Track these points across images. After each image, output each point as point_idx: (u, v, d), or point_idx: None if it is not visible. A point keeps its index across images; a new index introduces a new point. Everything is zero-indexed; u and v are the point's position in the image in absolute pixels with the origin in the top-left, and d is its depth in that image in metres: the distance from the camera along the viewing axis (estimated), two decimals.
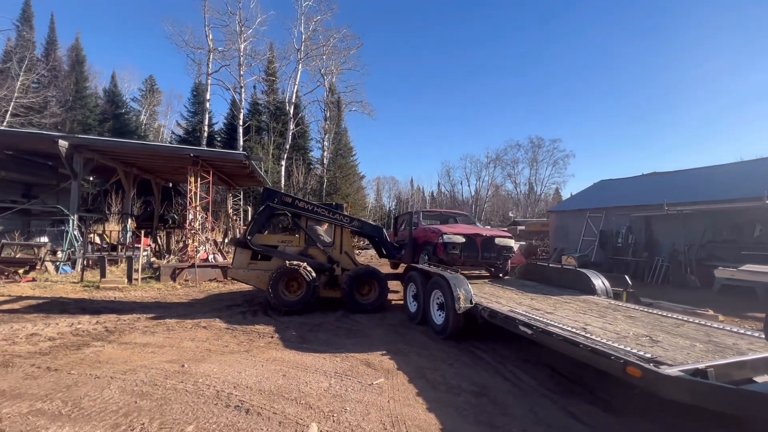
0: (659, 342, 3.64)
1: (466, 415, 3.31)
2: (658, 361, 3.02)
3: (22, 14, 32.64)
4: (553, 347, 3.80)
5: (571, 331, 3.85)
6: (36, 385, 3.66)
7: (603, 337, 3.70)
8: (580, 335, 3.72)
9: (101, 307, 7.29)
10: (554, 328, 3.96)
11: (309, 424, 3.09)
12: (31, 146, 13.63)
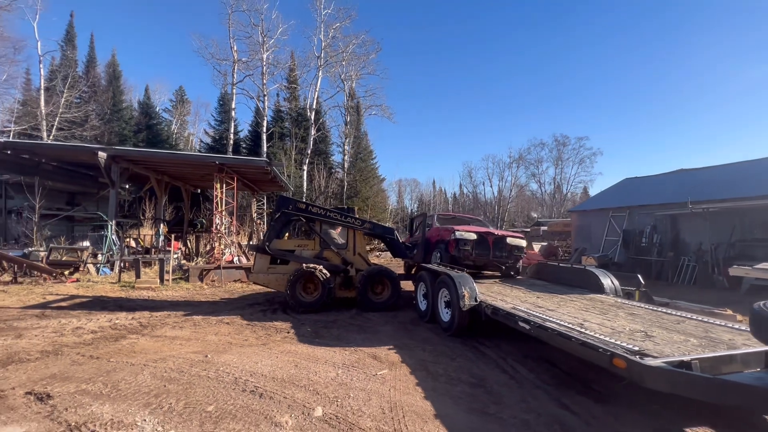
0: (653, 337, 3.74)
1: (460, 403, 3.54)
2: (644, 354, 3.15)
3: (66, 35, 35.19)
4: (549, 341, 3.96)
5: (566, 327, 4.00)
6: (81, 370, 4.18)
7: (598, 332, 3.83)
8: (575, 330, 3.87)
9: (136, 304, 7.94)
10: (551, 324, 4.11)
11: (315, 407, 3.41)
12: (74, 158, 14.81)
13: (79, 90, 28.39)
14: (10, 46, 23.14)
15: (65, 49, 34.16)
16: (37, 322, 6.21)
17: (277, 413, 3.29)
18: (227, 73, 34.08)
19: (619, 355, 3.10)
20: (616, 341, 3.50)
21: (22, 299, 8.05)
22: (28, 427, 3.00)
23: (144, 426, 3.04)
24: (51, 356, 4.62)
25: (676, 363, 2.95)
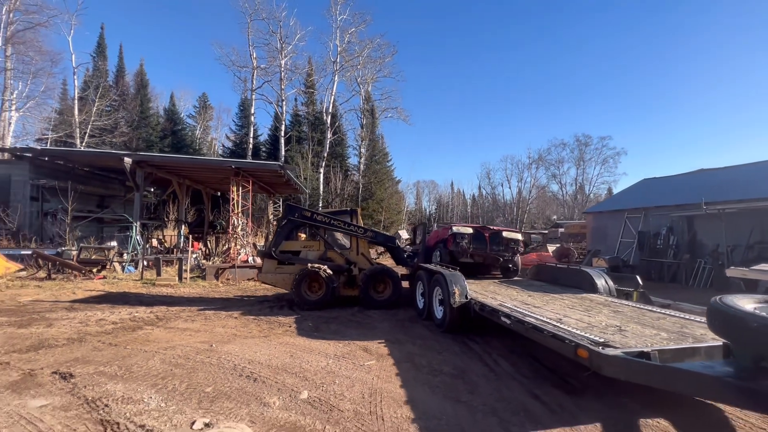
0: (625, 331, 3.89)
1: (437, 391, 3.79)
2: (607, 345, 3.33)
3: (98, 47, 37.25)
4: (526, 334, 4.17)
5: (543, 321, 4.19)
6: (100, 355, 4.66)
7: (573, 327, 4.00)
8: (550, 324, 4.06)
9: (155, 300, 8.53)
10: (529, 319, 4.31)
11: (302, 391, 3.74)
12: (103, 163, 15.82)
13: (110, 99, 30.06)
14: (48, 59, 24.84)
15: (96, 59, 36.16)
16: (66, 314, 6.83)
17: (267, 395, 3.64)
18: (247, 79, 35.29)
19: (582, 346, 3.29)
20: (587, 334, 3.67)
21: (54, 293, 8.79)
22: (52, 400, 3.46)
23: (149, 402, 3.44)
24: (75, 343, 5.15)
25: (636, 353, 3.11)
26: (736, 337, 2.71)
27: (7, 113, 22.88)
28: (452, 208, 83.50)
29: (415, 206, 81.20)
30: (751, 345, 2.57)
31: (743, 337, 2.59)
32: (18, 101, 23.72)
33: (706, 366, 2.89)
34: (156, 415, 3.20)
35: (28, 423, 3.03)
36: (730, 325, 2.68)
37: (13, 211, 13.43)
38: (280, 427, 3.06)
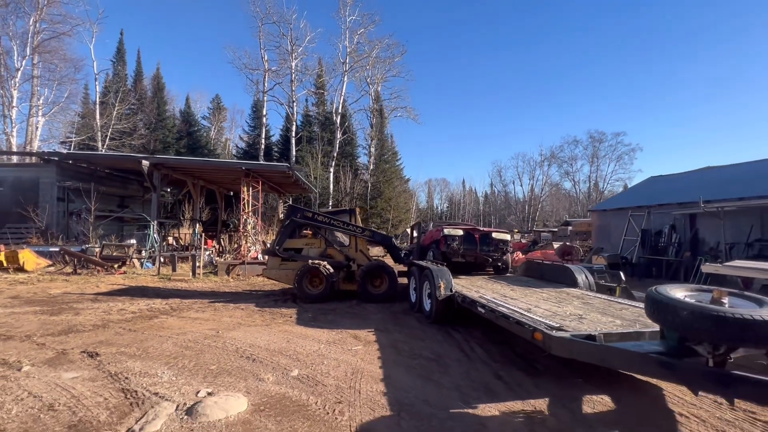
0: (584, 319, 4.30)
1: (412, 372, 4.27)
2: (560, 329, 3.76)
3: (117, 52, 38.73)
4: (496, 322, 4.63)
5: (512, 310, 4.63)
6: (121, 339, 5.30)
7: (538, 315, 4.44)
8: (517, 313, 4.49)
9: (170, 293, 9.23)
10: (501, 308, 4.75)
11: (293, 369, 4.28)
12: (123, 165, 16.75)
13: (129, 103, 31.31)
14: (71, 66, 26.12)
15: (116, 64, 37.65)
16: (91, 305, 7.55)
17: (263, 372, 4.19)
18: (259, 81, 36.21)
19: (538, 330, 3.74)
20: (547, 321, 4.10)
21: (80, 287, 9.58)
22: (81, 373, 4.07)
23: (162, 376, 4.03)
24: (100, 329, 5.82)
25: (583, 336, 3.54)
26: (666, 321, 3.09)
27: (34, 118, 24.22)
28: (464, 206, 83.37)
29: (427, 204, 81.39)
30: (678, 328, 2.97)
31: (671, 321, 2.98)
32: (44, 107, 25.06)
33: (637, 345, 3.30)
34: (167, 386, 3.78)
35: (63, 390, 3.64)
36: (661, 311, 3.06)
37: (42, 211, 14.43)
38: (270, 397, 3.59)
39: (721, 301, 2.89)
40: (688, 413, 3.32)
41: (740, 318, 2.55)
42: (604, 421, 3.20)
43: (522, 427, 3.08)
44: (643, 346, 3.26)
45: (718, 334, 2.64)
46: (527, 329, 3.87)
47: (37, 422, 3.04)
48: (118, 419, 3.12)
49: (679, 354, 3.08)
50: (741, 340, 2.63)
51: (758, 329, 2.50)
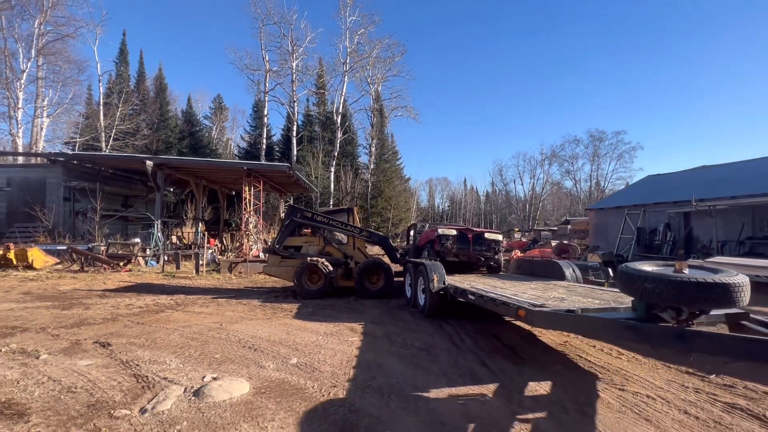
0: (566, 300, 4.61)
1: (403, 360, 4.56)
2: (542, 306, 4.05)
3: (120, 53, 39.08)
4: (484, 306, 4.97)
5: (499, 295, 4.92)
6: (130, 331, 5.61)
7: (524, 298, 4.73)
8: (504, 296, 4.79)
9: (174, 289, 9.55)
10: (490, 294, 5.04)
11: (292, 358, 4.57)
12: (127, 166, 17.10)
13: (132, 104, 31.66)
14: (75, 67, 26.48)
15: (119, 65, 37.99)
16: (100, 300, 7.88)
17: (264, 360, 4.48)
18: (260, 82, 36.55)
19: (522, 307, 4.05)
20: (530, 301, 4.40)
21: (88, 284, 9.91)
22: (95, 361, 4.38)
23: (170, 363, 4.33)
24: (110, 321, 6.13)
25: (563, 310, 3.84)
26: (635, 291, 3.37)
27: (39, 119, 24.59)
28: (465, 205, 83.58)
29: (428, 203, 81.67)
30: (645, 296, 3.27)
31: (639, 290, 3.27)
32: (49, 108, 25.44)
33: (608, 314, 3.61)
34: (175, 372, 4.08)
35: (79, 375, 3.94)
36: (631, 283, 3.35)
37: (49, 211, 14.77)
38: (271, 382, 3.89)
39: (682, 271, 3.20)
40: (653, 394, 3.59)
41: (695, 281, 2.88)
42: (575, 402, 3.48)
43: (500, 406, 3.37)
44: (613, 315, 3.56)
45: (679, 296, 2.96)
46: (512, 308, 4.18)
47: (58, 402, 3.34)
48: (132, 400, 3.42)
49: (647, 321, 3.39)
50: (698, 301, 2.96)
51: (711, 290, 2.85)
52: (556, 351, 5.00)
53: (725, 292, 2.92)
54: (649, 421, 3.14)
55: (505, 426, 3.06)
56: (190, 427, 2.97)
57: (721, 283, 2.93)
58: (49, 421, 3.02)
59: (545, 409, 3.36)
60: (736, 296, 2.95)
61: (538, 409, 3.34)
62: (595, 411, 3.32)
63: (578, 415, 3.23)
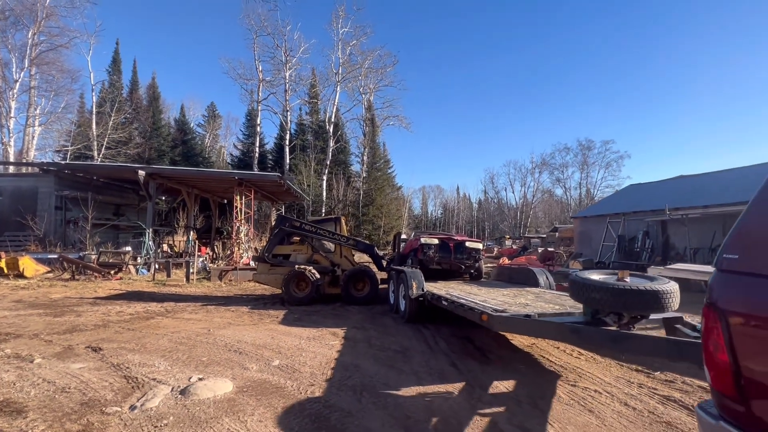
0: (529, 306, 4.99)
1: (379, 361, 4.88)
2: (503, 311, 4.42)
3: (113, 62, 39.25)
4: (455, 311, 5.36)
5: (469, 301, 5.28)
6: (121, 337, 5.86)
7: (491, 303, 5.09)
8: (471, 302, 5.15)
9: (165, 297, 9.76)
10: (460, 300, 5.40)
11: (274, 360, 4.87)
12: (119, 175, 17.28)
13: (125, 112, 31.82)
14: (68, 77, 26.66)
15: (112, 74, 38.13)
16: (91, 308, 8.08)
17: (248, 362, 4.78)
18: (253, 91, 36.92)
19: (485, 312, 4.40)
20: (494, 306, 4.76)
21: (79, 292, 10.08)
22: (87, 364, 4.64)
23: (159, 366, 4.60)
24: (101, 328, 6.37)
25: (522, 315, 4.20)
26: (582, 298, 3.76)
27: (31, 128, 24.67)
28: (458, 213, 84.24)
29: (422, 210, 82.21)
30: (590, 302, 3.66)
31: (586, 297, 3.66)
32: (41, 116, 25.53)
33: (560, 318, 3.99)
34: (164, 374, 4.35)
35: (73, 377, 4.20)
36: (579, 290, 3.73)
37: (40, 220, 14.88)
38: (253, 382, 4.18)
39: (624, 279, 3.60)
40: (601, 389, 3.96)
41: (630, 288, 3.28)
42: (529, 396, 3.83)
43: (462, 401, 3.71)
44: (563, 319, 3.94)
45: (617, 303, 3.36)
46: (476, 313, 4.54)
47: (53, 401, 3.61)
48: (122, 398, 3.70)
49: (593, 324, 3.78)
50: (634, 307, 3.36)
51: (644, 297, 3.26)
52: (523, 352, 5.36)
53: (655, 298, 3.33)
54: (591, 412, 3.50)
55: (464, 419, 3.40)
56: (176, 422, 3.26)
57: (652, 291, 3.34)
58: (45, 417, 3.30)
59: (503, 404, 3.70)
60: (666, 302, 3.35)
61: (496, 404, 3.68)
62: (546, 404, 3.67)
63: (531, 408, 3.58)
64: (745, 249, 1.65)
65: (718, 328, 1.62)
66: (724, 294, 1.66)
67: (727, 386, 1.57)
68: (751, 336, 1.52)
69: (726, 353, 1.57)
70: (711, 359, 1.67)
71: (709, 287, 1.73)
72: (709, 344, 1.69)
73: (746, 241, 1.67)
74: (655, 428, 3.22)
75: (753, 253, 1.62)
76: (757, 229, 1.66)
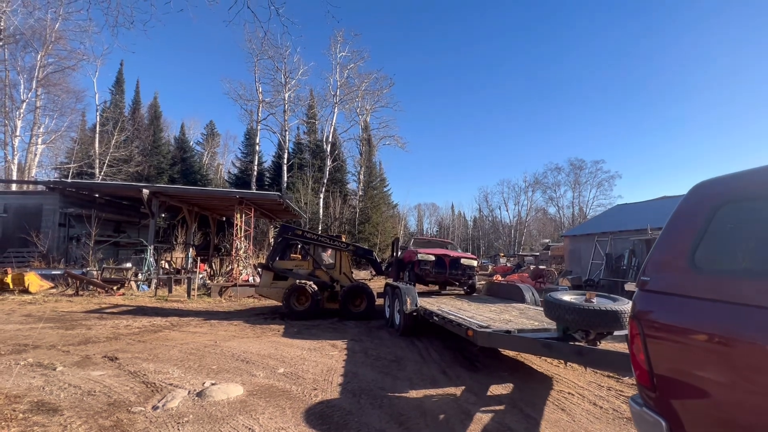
0: (511, 322, 5.45)
1: (375, 369, 5.32)
2: (487, 327, 4.89)
3: (116, 82, 40.23)
4: (444, 326, 5.78)
5: (457, 317, 5.75)
6: (133, 347, 6.24)
7: (477, 319, 5.56)
8: (460, 318, 5.62)
9: (168, 312, 10.10)
10: (449, 316, 5.87)
11: (279, 368, 5.29)
12: (123, 193, 17.74)
13: (126, 132, 32.50)
14: (73, 97, 27.39)
15: (115, 93, 39.05)
16: (99, 321, 8.43)
17: (255, 370, 5.19)
18: (253, 111, 37.86)
19: (470, 328, 4.87)
20: (480, 322, 5.23)
21: (84, 306, 10.40)
22: (106, 371, 5.03)
23: (173, 373, 5.01)
24: (113, 340, 6.74)
25: (503, 331, 4.68)
26: (555, 316, 4.26)
27: (34, 146, 25.19)
28: (453, 230, 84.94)
29: (417, 228, 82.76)
30: (561, 321, 4.16)
31: (556, 315, 4.16)
32: (44, 135, 26.09)
33: (536, 334, 4.48)
34: (179, 379, 4.76)
35: (95, 382, 4.60)
36: (551, 309, 4.24)
37: (44, 236, 15.22)
38: (261, 386, 4.61)
39: (591, 300, 4.12)
40: (575, 392, 4.43)
41: (592, 308, 3.79)
42: (510, 398, 4.29)
43: (450, 402, 4.16)
44: (538, 335, 4.43)
45: (582, 321, 3.86)
46: (463, 328, 5.01)
47: (82, 402, 4.02)
48: (144, 400, 4.11)
49: (563, 340, 4.28)
50: (597, 325, 3.87)
51: (605, 316, 3.76)
52: (508, 362, 5.82)
53: (615, 317, 3.84)
54: (564, 410, 3.96)
55: (452, 416, 3.86)
56: (195, 419, 3.68)
57: (612, 311, 3.86)
58: (79, 414, 3.70)
59: (487, 404, 4.16)
60: (624, 320, 3.85)
61: (480, 404, 4.14)
62: (525, 405, 4.13)
63: (510, 408, 4.04)
64: (654, 272, 2.19)
65: (638, 336, 2.13)
66: (642, 308, 2.18)
67: (645, 380, 2.07)
68: (657, 339, 2.03)
69: (643, 354, 2.08)
70: (635, 360, 2.18)
71: (633, 303, 2.26)
72: (633, 348, 2.20)
73: (655, 266, 2.22)
74: (617, 423, 3.70)
75: (659, 275, 2.16)
76: (661, 257, 2.21)
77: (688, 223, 2.09)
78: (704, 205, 2.03)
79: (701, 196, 2.11)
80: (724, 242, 2.02)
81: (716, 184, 2.08)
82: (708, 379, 1.74)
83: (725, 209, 1.96)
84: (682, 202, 2.21)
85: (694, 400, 1.83)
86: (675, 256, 2.09)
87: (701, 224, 1.99)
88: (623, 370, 4.21)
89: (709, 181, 2.13)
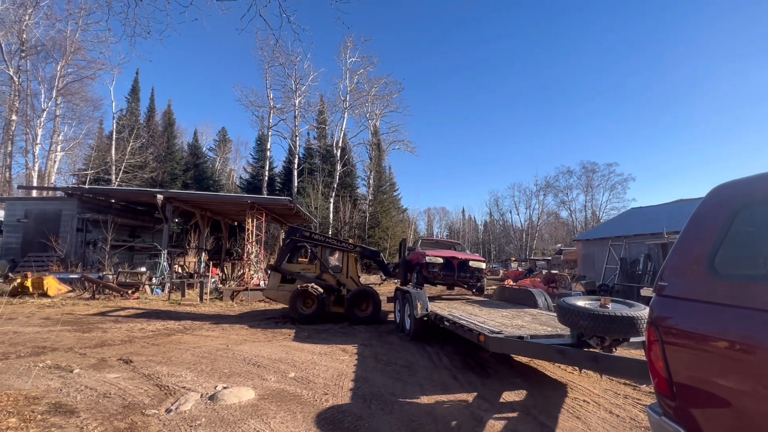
0: (524, 327, 5.38)
1: (385, 374, 5.29)
2: (499, 333, 4.84)
3: (132, 90, 41.26)
4: (455, 331, 5.74)
5: (469, 322, 5.70)
6: (147, 351, 6.33)
7: (489, 324, 5.50)
8: (471, 324, 5.57)
9: (181, 316, 10.23)
10: (461, 321, 5.82)
11: (290, 372, 5.31)
12: (138, 199, 18.12)
13: (142, 139, 33.26)
14: (91, 105, 28.21)
15: (131, 101, 40.05)
16: (114, 325, 8.58)
17: (266, 374, 5.22)
18: (264, 117, 38.42)
19: (482, 334, 4.82)
20: (492, 328, 5.17)
21: (100, 310, 10.61)
22: (121, 374, 5.11)
23: (186, 376, 5.06)
24: (127, 343, 6.85)
25: (515, 336, 4.62)
26: (568, 322, 4.19)
27: (53, 154, 25.95)
28: (463, 235, 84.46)
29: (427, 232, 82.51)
30: (575, 327, 4.09)
31: (571, 321, 4.09)
32: (63, 143, 26.87)
33: (550, 340, 4.40)
34: (191, 383, 4.81)
35: (111, 385, 4.68)
36: (565, 315, 4.17)
37: (63, 241, 15.62)
38: (272, 390, 4.62)
39: (606, 306, 4.04)
40: (590, 399, 4.33)
41: (608, 315, 3.72)
42: (523, 405, 4.22)
43: (462, 408, 4.11)
44: (550, 341, 4.36)
45: (597, 327, 3.79)
46: (474, 334, 4.96)
47: (98, 404, 4.08)
48: (158, 402, 4.16)
49: (577, 347, 4.19)
50: (612, 331, 3.78)
51: (620, 322, 3.68)
52: (520, 368, 5.73)
53: (631, 323, 3.76)
54: (579, 418, 3.88)
55: (463, 422, 3.81)
56: (208, 422, 3.71)
57: (628, 317, 3.78)
58: (95, 416, 3.77)
59: (499, 410, 4.10)
60: (640, 327, 3.76)
61: (493, 411, 4.08)
62: (538, 412, 4.06)
63: (524, 415, 3.97)
64: (672, 278, 2.14)
65: (656, 342, 2.07)
66: (659, 314, 2.12)
67: (664, 388, 2.02)
68: (676, 346, 1.97)
69: (662, 361, 2.02)
70: (653, 367, 2.12)
71: (650, 308, 2.20)
72: (651, 355, 2.14)
73: (673, 271, 2.16)
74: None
75: (676, 281, 2.10)
76: (679, 262, 2.15)
77: (707, 227, 2.04)
78: (724, 208, 1.98)
79: (721, 198, 2.05)
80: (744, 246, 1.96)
81: (736, 186, 2.02)
82: (729, 388, 1.68)
83: (746, 212, 1.91)
84: (700, 205, 2.15)
85: (714, 409, 1.77)
86: (693, 260, 2.03)
87: (721, 228, 1.94)
88: (640, 377, 4.09)
89: (729, 184, 2.07)
